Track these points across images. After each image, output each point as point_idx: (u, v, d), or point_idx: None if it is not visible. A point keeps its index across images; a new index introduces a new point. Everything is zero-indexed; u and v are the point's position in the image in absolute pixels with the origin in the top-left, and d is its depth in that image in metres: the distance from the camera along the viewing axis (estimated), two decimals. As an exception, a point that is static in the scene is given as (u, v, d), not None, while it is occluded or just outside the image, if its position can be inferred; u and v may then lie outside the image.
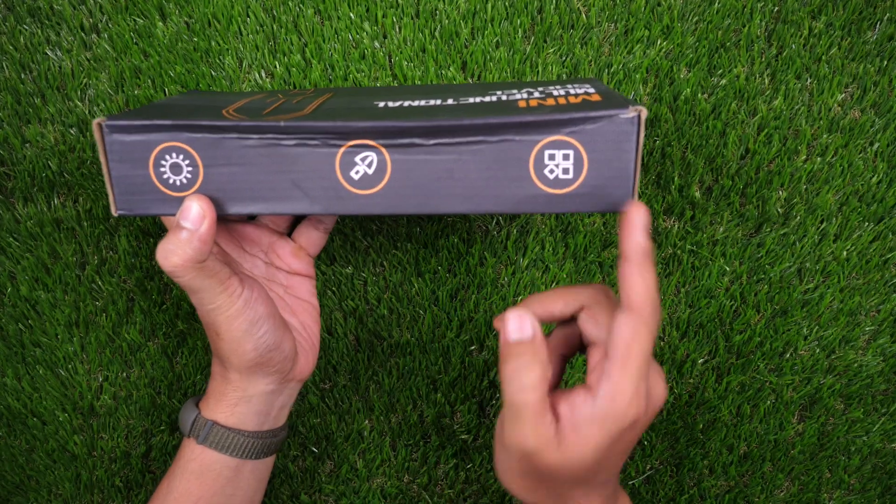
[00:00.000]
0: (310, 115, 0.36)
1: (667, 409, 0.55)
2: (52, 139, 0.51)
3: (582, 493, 0.37)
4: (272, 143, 0.35)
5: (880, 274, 0.52)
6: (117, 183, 0.36)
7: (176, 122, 0.35)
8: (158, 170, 0.36)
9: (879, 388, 0.54)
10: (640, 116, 0.32)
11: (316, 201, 0.36)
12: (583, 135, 0.33)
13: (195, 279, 0.37)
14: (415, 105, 0.37)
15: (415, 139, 0.34)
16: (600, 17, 0.49)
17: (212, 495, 0.43)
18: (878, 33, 0.49)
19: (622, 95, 0.38)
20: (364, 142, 0.34)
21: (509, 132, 0.34)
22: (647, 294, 0.33)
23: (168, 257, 0.36)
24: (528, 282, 0.53)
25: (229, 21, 0.49)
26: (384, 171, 0.35)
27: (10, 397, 0.55)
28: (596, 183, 0.34)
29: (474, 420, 0.55)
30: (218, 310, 0.39)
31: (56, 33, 0.50)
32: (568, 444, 0.34)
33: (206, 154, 0.35)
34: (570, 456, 0.34)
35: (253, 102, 0.40)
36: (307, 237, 0.47)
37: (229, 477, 0.44)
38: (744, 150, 0.50)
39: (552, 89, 0.39)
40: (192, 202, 0.36)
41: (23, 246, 0.53)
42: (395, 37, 0.49)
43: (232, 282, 0.39)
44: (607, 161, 0.33)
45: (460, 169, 0.34)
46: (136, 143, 0.35)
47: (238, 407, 0.43)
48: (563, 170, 0.34)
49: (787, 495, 0.56)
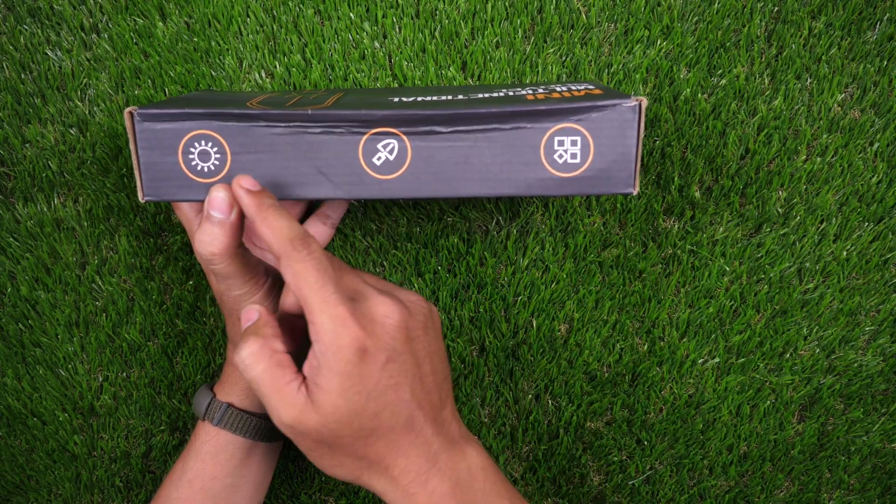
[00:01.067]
0: (333, 106, 0.37)
1: (667, 409, 0.55)
2: (53, 139, 0.51)
3: (385, 445, 0.36)
4: (299, 132, 0.37)
5: (880, 274, 0.52)
6: (146, 169, 0.37)
7: (207, 111, 0.36)
8: (187, 157, 0.37)
9: (879, 388, 0.54)
10: (641, 105, 0.35)
11: (339, 186, 0.37)
12: (589, 122, 0.36)
13: (229, 266, 0.39)
14: (428, 100, 0.39)
15: (434, 127, 0.36)
16: (600, 17, 0.49)
17: (225, 475, 0.45)
18: (878, 33, 0.49)
19: (621, 91, 0.41)
20: (387, 129, 0.36)
21: (522, 120, 0.36)
22: (278, 237, 0.35)
23: (206, 247, 0.37)
24: (528, 282, 0.53)
25: (229, 21, 0.49)
26: (405, 157, 0.37)
27: (10, 397, 0.55)
28: (601, 167, 0.36)
29: (474, 420, 0.55)
30: (244, 296, 0.41)
31: (56, 33, 0.50)
32: (317, 400, 0.34)
33: (235, 142, 0.37)
34: (326, 410, 0.34)
35: (273, 97, 0.41)
36: (314, 231, 0.49)
37: (242, 458, 0.46)
38: (744, 150, 0.50)
39: (555, 86, 0.42)
40: (221, 191, 0.37)
41: (23, 246, 0.53)
42: (395, 37, 0.49)
43: (259, 269, 0.41)
44: (611, 146, 0.36)
45: (476, 155, 0.37)
46: (167, 131, 0.37)
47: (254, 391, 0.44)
48: (571, 155, 0.36)
49: (787, 495, 0.56)
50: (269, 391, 0.35)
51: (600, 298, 0.53)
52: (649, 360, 0.54)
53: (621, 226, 0.52)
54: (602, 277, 0.53)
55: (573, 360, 0.54)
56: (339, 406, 0.34)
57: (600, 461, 0.56)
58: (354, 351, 0.34)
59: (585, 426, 0.55)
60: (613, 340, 0.53)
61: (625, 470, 0.56)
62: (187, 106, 0.37)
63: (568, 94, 0.38)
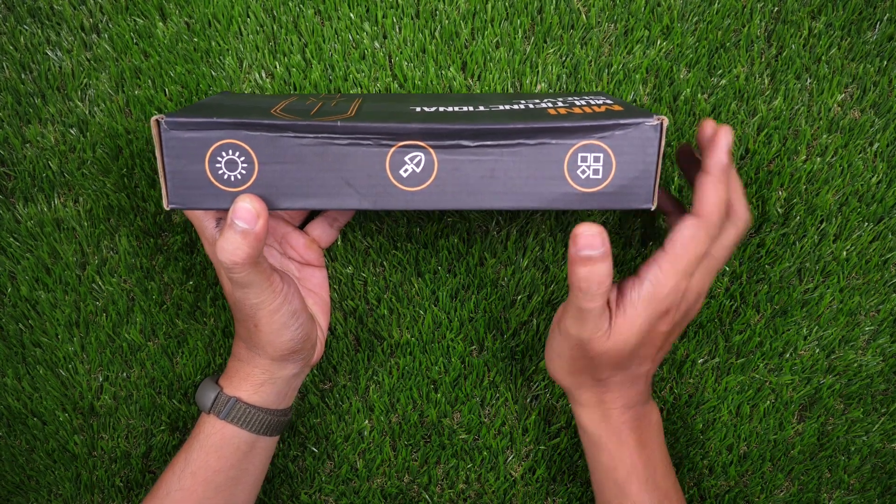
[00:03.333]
0: (357, 117, 0.38)
1: (667, 409, 0.55)
2: (53, 139, 0.51)
3: (618, 378, 0.43)
4: (326, 143, 0.37)
5: (880, 274, 0.52)
6: (172, 177, 0.37)
7: (234, 121, 0.36)
8: (214, 166, 0.37)
9: (879, 388, 0.54)
10: (663, 125, 0.36)
11: (365, 197, 0.38)
12: (612, 139, 0.37)
13: (249, 275, 0.39)
14: (450, 111, 0.39)
15: (462, 141, 0.37)
16: (600, 18, 0.49)
17: (228, 468, 0.46)
18: (877, 33, 0.49)
19: (640, 107, 0.42)
20: (414, 143, 0.37)
21: (546, 136, 0.37)
22: (716, 205, 0.38)
23: (230, 256, 0.38)
24: (528, 282, 0.53)
25: (229, 21, 0.49)
26: (431, 170, 0.37)
27: (10, 397, 0.55)
28: (622, 182, 0.37)
29: (474, 420, 0.55)
30: (262, 304, 0.41)
31: (56, 33, 0.50)
32: (616, 328, 0.40)
33: (262, 151, 0.37)
34: (617, 339, 0.40)
35: (294, 104, 0.41)
36: (321, 232, 0.49)
37: (245, 451, 0.46)
38: (744, 150, 0.50)
39: (573, 99, 0.43)
40: (247, 202, 0.37)
41: (23, 246, 0.53)
42: (395, 37, 0.49)
43: (275, 277, 0.41)
44: (633, 163, 0.37)
45: (501, 169, 0.37)
46: (194, 140, 0.37)
47: (264, 387, 0.46)
48: (593, 171, 0.37)
49: (787, 495, 0.56)
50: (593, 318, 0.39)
51: (600, 298, 0.53)
52: (649, 360, 0.54)
53: (621, 225, 0.52)
54: (602, 277, 0.53)
55: (573, 360, 0.54)
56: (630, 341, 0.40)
57: (600, 461, 0.56)
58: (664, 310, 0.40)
59: (585, 426, 0.55)
60: (613, 340, 0.54)
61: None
62: (215, 115, 0.37)
63: (589, 110, 0.38)
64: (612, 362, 0.41)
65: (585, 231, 0.37)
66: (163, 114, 0.38)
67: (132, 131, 0.51)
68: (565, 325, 0.41)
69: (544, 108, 0.40)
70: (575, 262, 0.37)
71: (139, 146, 0.51)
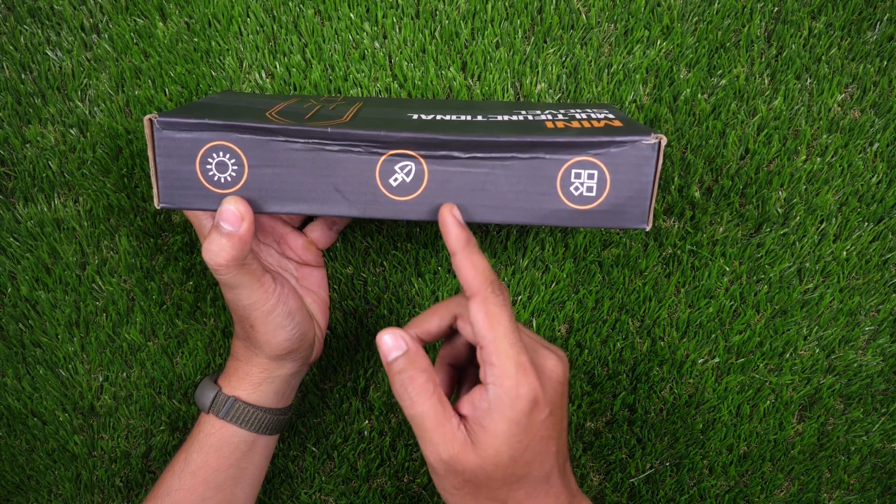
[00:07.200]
0: (351, 123, 0.37)
1: (667, 409, 0.55)
2: (53, 139, 0.51)
3: (525, 493, 0.37)
4: (317, 148, 0.37)
5: (880, 274, 0.52)
6: (163, 177, 0.37)
7: (226, 123, 0.36)
8: (204, 167, 0.37)
9: (879, 388, 0.54)
10: (661, 143, 0.35)
11: (354, 205, 0.38)
12: (608, 157, 0.36)
13: (236, 276, 0.39)
14: (447, 119, 0.39)
15: (452, 152, 0.36)
16: (600, 18, 0.49)
17: (228, 467, 0.46)
18: (877, 33, 0.49)
19: (641, 123, 0.41)
20: (404, 151, 0.37)
21: (540, 151, 0.36)
22: (480, 276, 0.35)
23: (213, 257, 0.38)
24: (528, 282, 0.53)
25: (229, 21, 0.49)
26: (421, 179, 0.37)
27: (10, 397, 0.55)
28: (616, 201, 0.36)
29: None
30: (255, 305, 0.42)
31: (56, 33, 0.50)
32: (479, 441, 0.35)
33: (253, 154, 0.37)
34: (487, 452, 0.35)
35: (291, 107, 0.41)
36: (319, 235, 0.49)
37: (245, 450, 0.46)
38: (743, 150, 0.50)
39: (574, 112, 0.42)
40: (231, 205, 0.37)
41: (23, 246, 0.53)
42: (395, 37, 0.49)
43: (266, 278, 0.42)
44: (628, 182, 0.36)
45: (492, 182, 0.37)
46: (185, 141, 0.37)
47: (262, 386, 0.46)
48: (587, 188, 0.36)
49: (787, 495, 0.56)
50: (433, 426, 0.36)
51: (600, 298, 0.53)
52: (649, 360, 0.54)
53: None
54: (602, 277, 0.53)
55: (573, 360, 0.54)
56: (502, 451, 0.35)
57: (600, 461, 0.56)
58: (529, 401, 0.35)
59: (585, 426, 0.55)
60: (613, 340, 0.54)
61: (624, 469, 0.56)
62: (207, 116, 0.37)
63: (588, 125, 0.38)
64: (500, 477, 0.36)
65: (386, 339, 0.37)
66: (156, 113, 0.38)
67: (132, 131, 0.51)
68: (424, 455, 0.37)
69: (543, 120, 0.39)
70: (388, 370, 0.37)
71: (139, 146, 0.51)
